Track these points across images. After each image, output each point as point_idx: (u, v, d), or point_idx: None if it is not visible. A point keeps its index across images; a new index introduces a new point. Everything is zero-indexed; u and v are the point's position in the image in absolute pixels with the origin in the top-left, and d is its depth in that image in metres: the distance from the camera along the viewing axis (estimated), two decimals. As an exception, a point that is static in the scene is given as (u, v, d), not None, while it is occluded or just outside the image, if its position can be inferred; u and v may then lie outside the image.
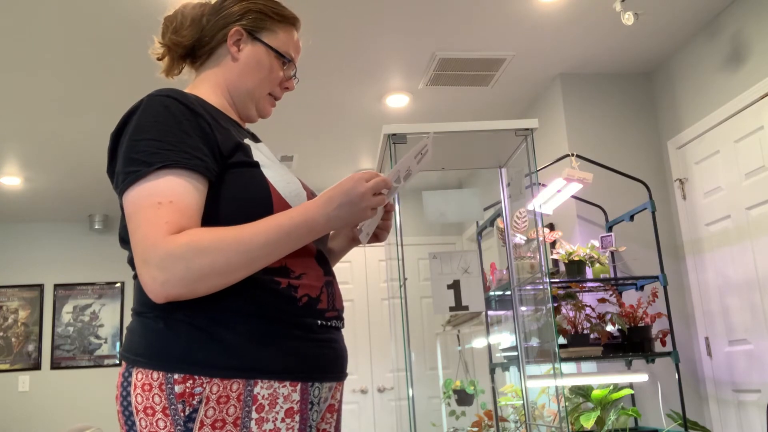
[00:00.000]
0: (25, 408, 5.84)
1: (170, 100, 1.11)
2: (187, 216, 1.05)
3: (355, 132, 4.59)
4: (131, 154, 1.07)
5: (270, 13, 1.31)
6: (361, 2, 3.08)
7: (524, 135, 2.20)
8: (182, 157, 1.06)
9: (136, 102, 1.14)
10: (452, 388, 3.80)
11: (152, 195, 1.04)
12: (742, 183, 3.22)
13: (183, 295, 1.03)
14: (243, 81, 1.29)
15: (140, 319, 1.12)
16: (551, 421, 3.20)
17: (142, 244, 1.02)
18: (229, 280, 1.05)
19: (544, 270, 2.39)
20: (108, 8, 3.01)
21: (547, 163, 3.43)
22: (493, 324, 3.50)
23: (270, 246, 1.06)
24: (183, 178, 1.06)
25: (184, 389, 1.03)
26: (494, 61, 3.68)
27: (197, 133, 1.10)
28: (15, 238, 6.14)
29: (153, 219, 1.02)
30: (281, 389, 1.08)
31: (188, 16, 1.31)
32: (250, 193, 1.13)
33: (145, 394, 1.05)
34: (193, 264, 1.01)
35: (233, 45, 1.28)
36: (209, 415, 1.03)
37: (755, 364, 3.14)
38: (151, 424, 1.04)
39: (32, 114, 3.98)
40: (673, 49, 3.67)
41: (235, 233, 1.04)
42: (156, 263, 1.01)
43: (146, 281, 1.02)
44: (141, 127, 1.09)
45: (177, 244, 1.01)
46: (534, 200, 2.28)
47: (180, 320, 1.07)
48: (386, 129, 2.18)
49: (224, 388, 1.04)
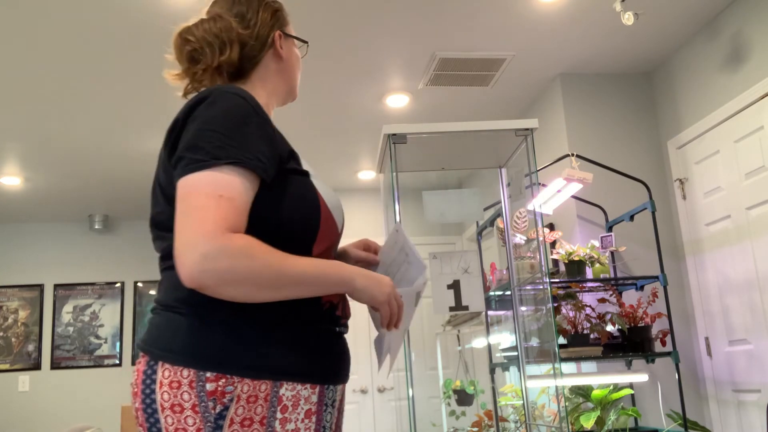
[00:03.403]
0: (25, 408, 5.84)
1: (240, 99, 1.15)
2: (241, 215, 1.07)
3: (355, 132, 4.59)
4: (198, 142, 1.09)
5: (280, 8, 1.39)
6: (361, 2, 3.08)
7: (524, 135, 2.20)
8: (246, 157, 1.09)
9: (203, 92, 1.16)
10: (452, 388, 3.81)
11: (214, 186, 1.05)
12: (742, 183, 3.22)
13: (210, 288, 1.03)
14: (288, 78, 1.40)
15: (170, 314, 1.13)
16: (551, 421, 3.20)
17: (197, 228, 1.02)
18: (253, 295, 1.06)
19: (544, 270, 2.39)
20: (108, 8, 3.01)
21: (547, 163, 3.43)
22: (493, 324, 3.50)
23: (302, 285, 1.09)
24: (243, 177, 1.08)
25: (216, 387, 1.06)
26: (494, 61, 3.68)
27: (262, 135, 1.14)
28: (15, 238, 6.14)
29: (213, 209, 1.04)
30: (303, 391, 1.13)
31: (230, 36, 1.31)
32: (304, 201, 1.18)
33: (173, 392, 1.06)
34: (238, 266, 1.02)
35: (279, 48, 1.37)
36: (239, 413, 1.07)
37: (755, 364, 3.14)
38: (179, 421, 1.05)
39: (32, 114, 3.99)
40: (673, 49, 3.67)
41: (282, 258, 1.07)
42: (205, 251, 1.01)
43: (184, 263, 1.02)
44: (210, 119, 1.11)
45: (234, 242, 1.03)
46: (534, 200, 2.28)
47: (216, 320, 1.10)
48: (386, 129, 2.19)
49: (254, 388, 1.08)
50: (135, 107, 3.98)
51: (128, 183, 5.29)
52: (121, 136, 4.38)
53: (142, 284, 6.25)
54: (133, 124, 4.22)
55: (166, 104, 3.97)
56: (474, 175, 5.57)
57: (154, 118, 4.15)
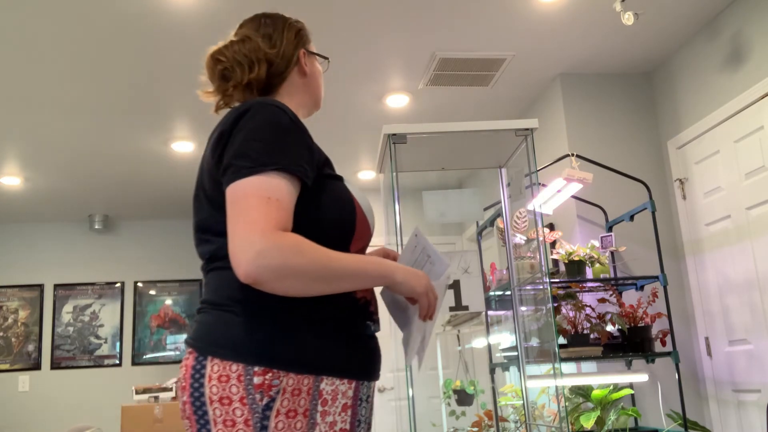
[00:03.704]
0: (25, 408, 5.84)
1: (279, 111, 1.24)
2: (289, 215, 1.16)
3: (355, 132, 4.59)
4: (245, 151, 1.18)
5: (302, 27, 1.52)
6: (361, 2, 3.08)
7: (524, 135, 2.20)
8: (289, 163, 1.18)
9: (244, 104, 1.25)
10: (452, 388, 3.81)
11: (263, 189, 1.14)
12: (742, 183, 3.22)
13: (265, 283, 1.11)
14: (313, 91, 1.52)
15: (219, 312, 1.21)
16: (551, 421, 3.20)
17: (251, 228, 1.11)
18: (304, 288, 1.15)
19: (544, 270, 2.39)
20: (108, 9, 3.01)
21: (547, 163, 3.43)
22: (493, 324, 3.50)
23: (348, 278, 1.18)
24: (287, 181, 1.18)
25: (263, 381, 1.14)
26: (494, 61, 3.68)
27: (301, 143, 1.24)
28: (15, 238, 6.14)
29: (264, 210, 1.12)
30: (341, 386, 1.21)
31: (258, 56, 1.42)
32: (341, 203, 1.28)
33: (221, 385, 1.14)
34: (289, 262, 1.11)
35: (304, 66, 1.48)
36: (284, 405, 1.14)
37: (755, 364, 3.14)
38: (227, 413, 1.13)
39: (32, 114, 3.99)
40: (673, 49, 3.67)
41: (330, 255, 1.16)
42: (260, 248, 1.09)
43: (240, 260, 1.10)
44: (255, 129, 1.20)
45: (285, 239, 1.12)
46: (534, 200, 2.28)
47: (263, 317, 1.18)
48: (386, 129, 2.19)
49: (298, 382, 1.16)
50: (135, 107, 3.98)
51: (128, 183, 5.29)
52: (121, 136, 4.38)
53: (142, 284, 6.25)
54: (133, 124, 4.22)
55: (167, 104, 3.97)
56: (474, 175, 5.57)
57: (154, 118, 4.15)
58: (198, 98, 4.46)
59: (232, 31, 1.49)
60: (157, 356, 6.12)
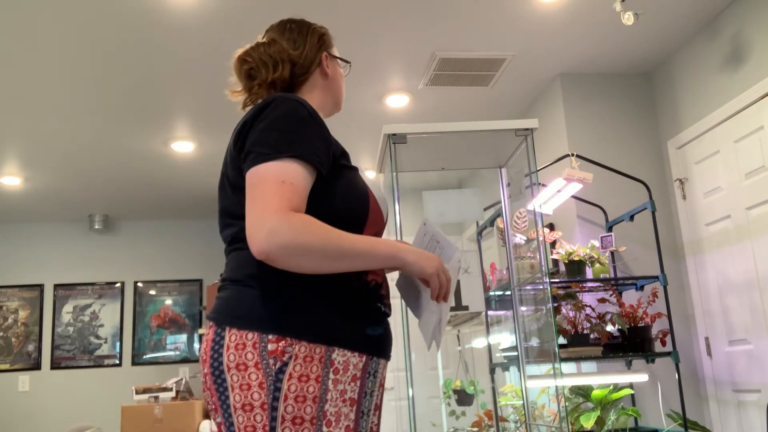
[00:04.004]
0: (25, 408, 5.84)
1: (299, 105, 1.33)
2: (301, 197, 1.24)
3: (355, 132, 4.59)
4: (265, 139, 1.27)
5: (326, 32, 1.61)
6: (361, 2, 3.08)
7: (524, 135, 2.20)
8: (305, 151, 1.27)
9: (267, 98, 1.34)
10: (452, 388, 3.81)
11: (279, 174, 1.23)
12: (742, 183, 3.22)
13: (278, 260, 1.20)
14: (336, 93, 1.61)
15: (237, 287, 1.29)
16: (551, 421, 3.20)
17: (265, 208, 1.20)
18: (315, 265, 1.23)
19: (544, 270, 2.39)
20: (108, 9, 3.01)
21: (547, 163, 3.43)
22: (493, 324, 3.50)
23: (359, 256, 1.26)
24: (303, 167, 1.26)
25: (277, 347, 1.21)
26: (494, 61, 3.68)
27: (318, 134, 1.32)
28: (15, 238, 6.14)
29: (278, 192, 1.21)
30: (352, 358, 1.27)
31: (282, 57, 1.51)
32: (355, 191, 1.36)
33: (238, 353, 1.22)
34: (299, 239, 1.19)
35: (326, 68, 1.57)
36: (296, 369, 1.22)
37: (755, 364, 3.14)
38: (243, 378, 1.21)
39: (32, 114, 3.99)
40: (673, 49, 3.67)
41: (340, 234, 1.24)
42: (270, 227, 1.18)
43: (255, 238, 1.19)
44: (275, 119, 1.29)
45: (296, 218, 1.20)
46: (534, 200, 2.28)
47: (277, 291, 1.26)
48: (386, 129, 2.19)
49: (310, 350, 1.23)
50: (135, 107, 3.98)
51: (128, 183, 5.29)
52: (121, 136, 4.38)
53: (142, 284, 6.25)
54: (133, 124, 4.22)
55: (167, 105, 3.97)
56: (474, 175, 5.57)
57: (154, 118, 4.15)
58: (198, 98, 4.46)
59: (260, 35, 1.59)
60: (157, 356, 6.12)
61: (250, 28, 3.21)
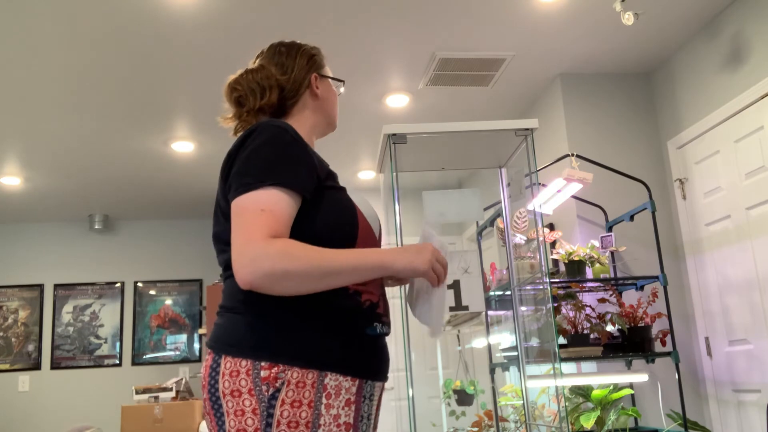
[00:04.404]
0: (25, 408, 5.84)
1: (281, 130, 1.34)
2: (281, 224, 1.26)
3: (355, 132, 4.59)
4: (246, 169, 1.30)
5: (316, 53, 1.61)
6: (361, 2, 3.08)
7: (524, 135, 2.20)
8: (286, 179, 1.29)
9: (251, 126, 1.36)
10: (452, 388, 3.80)
11: (258, 203, 1.25)
12: (742, 183, 3.22)
13: (263, 287, 1.21)
14: (327, 113, 1.60)
15: (231, 315, 1.32)
16: (551, 421, 3.20)
17: (244, 239, 1.22)
18: (300, 288, 1.24)
19: (544, 270, 2.39)
20: (108, 9, 3.01)
21: (547, 163, 3.43)
22: (493, 324, 3.50)
23: (343, 274, 1.26)
24: (284, 193, 1.28)
25: (269, 374, 1.23)
26: (494, 61, 3.68)
27: (299, 159, 1.33)
28: (15, 238, 6.14)
29: (256, 221, 1.23)
30: (344, 382, 1.29)
31: (270, 83, 1.53)
32: (343, 211, 1.37)
33: (232, 379, 1.24)
34: (279, 265, 1.20)
35: (316, 89, 1.57)
36: (289, 395, 1.23)
37: (755, 364, 3.14)
38: (237, 404, 1.24)
39: (32, 114, 3.99)
40: (673, 49, 3.67)
41: (320, 254, 1.24)
42: (251, 256, 1.20)
43: (238, 269, 1.21)
44: (256, 148, 1.31)
45: (275, 245, 1.21)
46: (534, 200, 2.28)
47: (268, 318, 1.28)
48: (386, 129, 2.19)
49: (302, 376, 1.25)
50: (135, 107, 3.98)
51: (128, 183, 5.29)
52: (121, 136, 4.38)
53: (142, 284, 6.25)
54: (133, 124, 4.22)
55: (167, 105, 3.97)
56: (474, 175, 5.57)
57: (154, 118, 4.15)
58: (198, 98, 4.46)
59: (251, 61, 1.61)
60: (157, 356, 6.12)
61: (251, 28, 3.21)
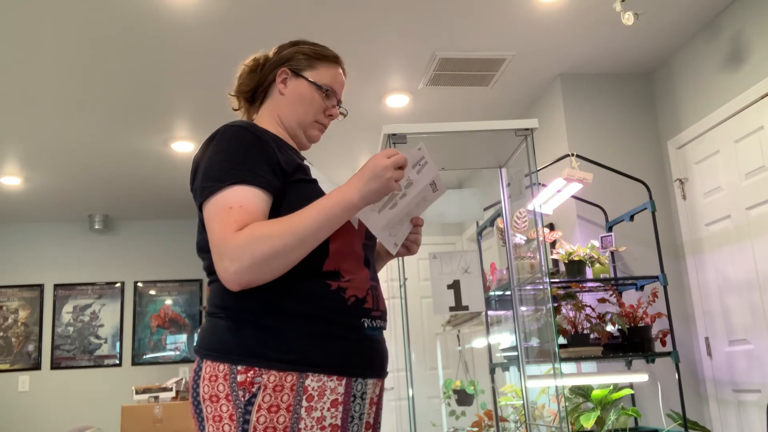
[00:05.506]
0: (25, 408, 5.84)
1: (241, 129, 1.34)
2: (253, 216, 1.24)
3: (355, 132, 4.59)
4: (208, 173, 1.29)
5: (312, 53, 1.57)
6: (361, 3, 3.08)
7: (524, 135, 2.20)
8: (248, 176, 1.27)
9: (214, 132, 1.36)
10: (452, 388, 3.81)
11: (225, 203, 1.25)
12: (742, 183, 3.22)
13: (254, 280, 1.21)
14: (291, 111, 1.52)
15: (212, 319, 1.31)
16: (551, 421, 3.20)
17: (217, 241, 1.22)
18: (288, 260, 1.22)
19: (544, 270, 2.39)
20: (108, 9, 3.01)
21: (547, 163, 3.43)
22: (493, 324, 3.50)
23: (316, 227, 1.23)
24: (249, 191, 1.26)
25: (246, 378, 1.21)
26: (494, 61, 3.68)
27: (262, 156, 1.31)
28: (15, 238, 6.14)
29: (225, 220, 1.22)
30: (329, 382, 1.25)
31: (247, 68, 1.57)
32: (310, 202, 1.30)
33: (211, 384, 1.23)
34: (257, 251, 1.19)
35: (281, 83, 1.53)
36: (266, 400, 1.20)
37: (755, 364, 3.14)
38: (215, 409, 1.22)
39: (32, 114, 3.98)
40: (673, 49, 3.67)
41: (287, 220, 1.23)
42: (228, 255, 1.19)
43: (221, 273, 1.21)
44: (216, 152, 1.32)
45: (241, 236, 1.20)
46: (534, 200, 2.28)
47: (246, 320, 1.26)
48: (386, 129, 2.19)
49: (280, 379, 1.21)
50: (135, 107, 3.98)
51: (128, 183, 5.29)
52: (121, 136, 4.38)
53: (142, 284, 6.25)
54: (133, 124, 4.22)
55: (167, 105, 3.97)
56: (474, 175, 5.57)
57: (154, 118, 4.15)
58: (198, 98, 4.46)
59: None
60: (157, 356, 6.12)
61: (251, 27, 3.21)
